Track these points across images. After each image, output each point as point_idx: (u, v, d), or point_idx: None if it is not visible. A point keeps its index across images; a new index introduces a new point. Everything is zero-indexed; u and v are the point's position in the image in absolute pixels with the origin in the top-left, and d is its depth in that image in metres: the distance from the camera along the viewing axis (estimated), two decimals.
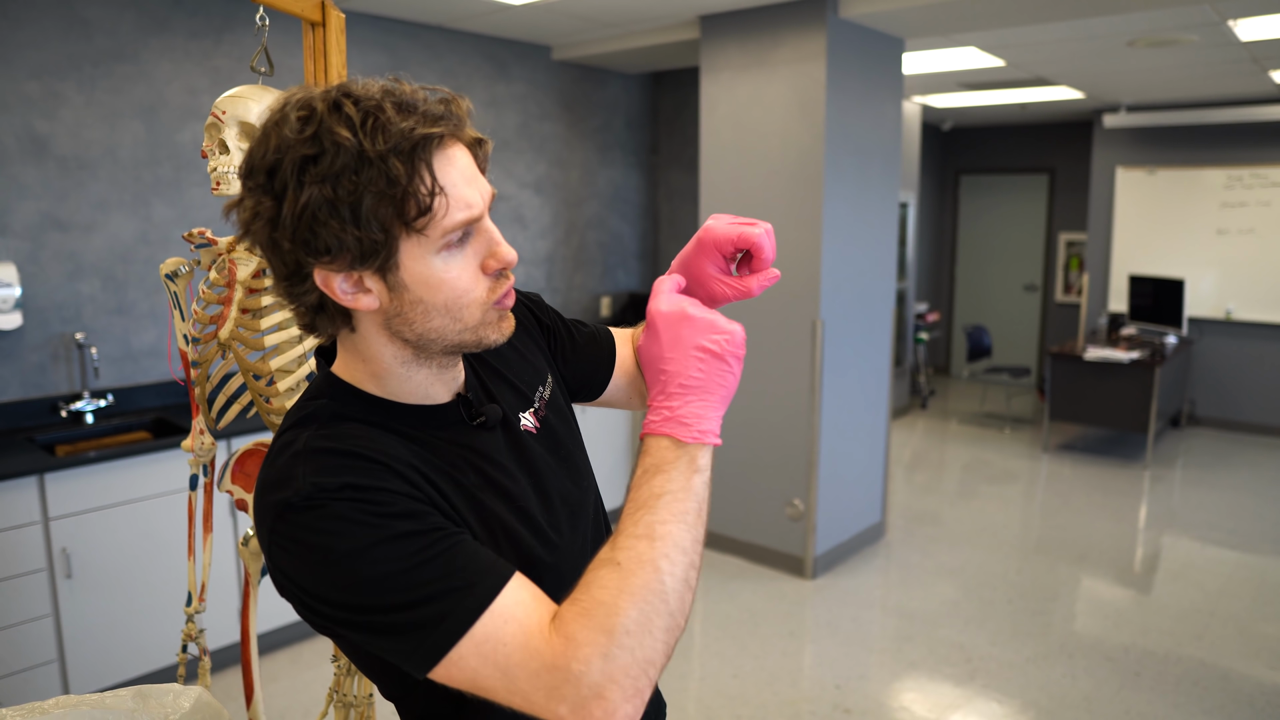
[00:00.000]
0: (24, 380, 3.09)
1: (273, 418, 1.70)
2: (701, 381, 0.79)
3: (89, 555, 2.76)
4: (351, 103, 0.74)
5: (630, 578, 0.72)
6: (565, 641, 0.70)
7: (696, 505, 0.77)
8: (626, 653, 0.70)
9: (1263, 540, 4.46)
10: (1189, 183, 6.59)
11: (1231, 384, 6.63)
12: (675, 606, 0.73)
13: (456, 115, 0.78)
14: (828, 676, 3.17)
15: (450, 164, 0.76)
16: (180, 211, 3.40)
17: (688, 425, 0.79)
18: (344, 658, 1.78)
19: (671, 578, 0.73)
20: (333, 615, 0.74)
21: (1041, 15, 3.61)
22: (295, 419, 0.83)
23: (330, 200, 0.72)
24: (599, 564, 0.74)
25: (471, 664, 0.71)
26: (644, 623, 0.71)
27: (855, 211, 3.92)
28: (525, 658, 0.71)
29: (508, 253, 0.80)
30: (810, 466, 3.90)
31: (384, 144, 0.72)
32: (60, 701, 1.02)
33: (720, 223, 0.90)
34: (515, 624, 0.72)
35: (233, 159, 1.58)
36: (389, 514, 0.73)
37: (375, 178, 0.72)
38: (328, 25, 1.78)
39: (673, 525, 0.75)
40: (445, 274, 0.78)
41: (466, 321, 0.81)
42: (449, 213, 0.76)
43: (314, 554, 0.72)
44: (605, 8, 3.83)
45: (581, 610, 0.71)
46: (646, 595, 0.71)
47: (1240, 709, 2.93)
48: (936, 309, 8.40)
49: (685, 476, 0.77)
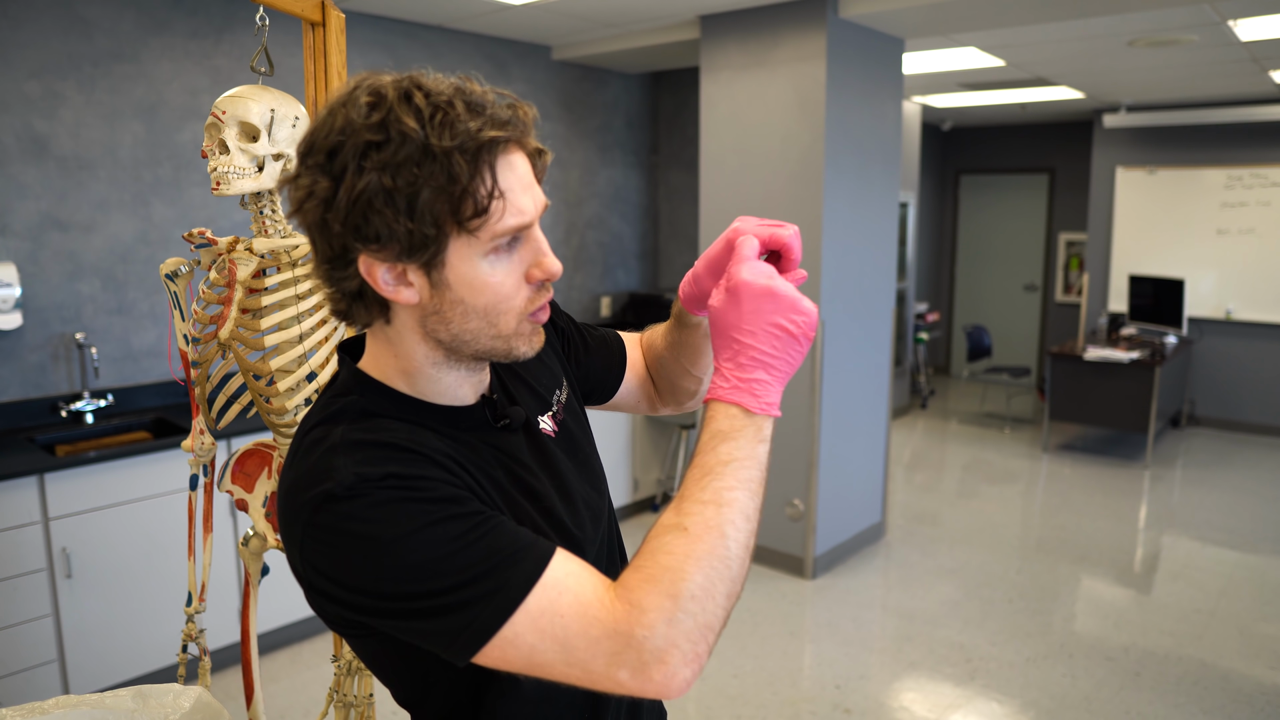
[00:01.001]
0: (24, 380, 3.09)
1: (273, 418, 1.70)
2: (774, 357, 0.80)
3: (89, 555, 2.76)
4: (422, 95, 0.74)
5: (697, 543, 0.73)
6: (629, 607, 0.71)
7: (760, 473, 0.78)
8: (690, 618, 0.70)
9: (1263, 540, 4.46)
10: (1189, 183, 6.59)
11: (1231, 384, 6.63)
12: (738, 572, 0.74)
13: (522, 121, 0.78)
14: (828, 676, 3.17)
15: (510, 169, 0.77)
16: (180, 211, 3.40)
17: (757, 396, 0.79)
18: (344, 657, 1.78)
19: (736, 544, 0.74)
20: (374, 607, 0.73)
21: (1041, 15, 3.61)
22: (323, 415, 0.83)
23: (388, 189, 0.72)
24: (663, 529, 0.75)
25: (529, 639, 0.71)
26: (709, 588, 0.71)
27: (855, 211, 3.92)
28: (584, 626, 0.71)
29: (553, 264, 0.81)
30: (810, 466, 3.90)
31: (450, 140, 0.72)
32: (60, 701, 1.02)
33: (749, 223, 0.90)
34: (570, 594, 0.72)
35: (233, 159, 1.58)
36: (432, 499, 0.74)
37: (437, 172, 0.72)
38: (328, 25, 1.78)
39: (739, 492, 0.76)
40: (490, 277, 0.78)
41: (501, 329, 0.81)
42: (504, 217, 0.76)
43: (359, 543, 0.72)
44: (605, 8, 3.83)
45: (647, 576, 0.72)
46: (712, 561, 0.72)
47: (1240, 709, 2.93)
48: (936, 309, 8.40)
49: (752, 444, 0.78)
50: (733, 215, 3.98)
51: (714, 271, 0.95)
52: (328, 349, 1.69)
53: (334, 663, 1.81)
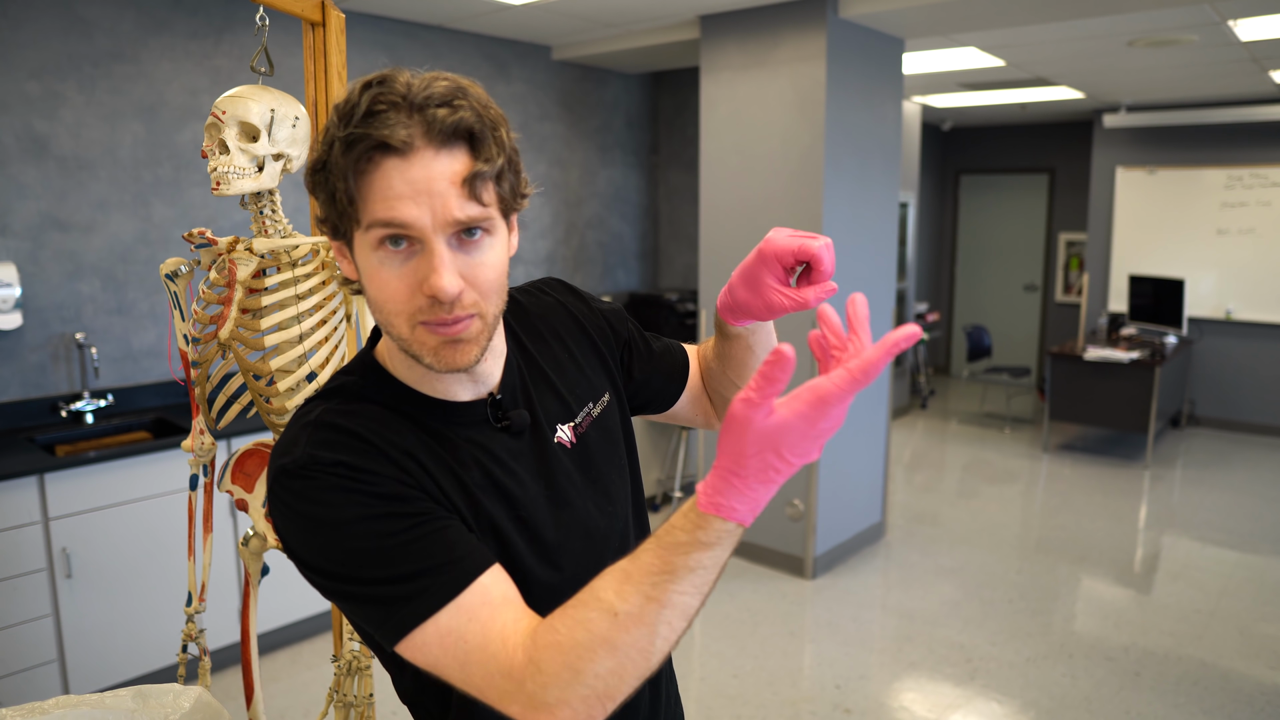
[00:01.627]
0: (24, 380, 3.09)
1: (273, 418, 1.70)
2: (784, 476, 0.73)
3: (89, 555, 2.76)
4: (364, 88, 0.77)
5: (621, 633, 0.70)
6: (528, 663, 0.71)
7: (716, 575, 0.73)
8: (588, 689, 0.70)
9: (1263, 540, 4.46)
10: (1189, 183, 6.59)
11: (1231, 384, 6.63)
12: (657, 662, 0.72)
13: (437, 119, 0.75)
14: (828, 676, 3.17)
15: (399, 170, 0.75)
16: (180, 211, 3.40)
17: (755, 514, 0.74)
18: (344, 657, 1.78)
19: (664, 640, 0.71)
20: (319, 581, 0.79)
21: (1041, 15, 3.61)
22: (324, 390, 0.88)
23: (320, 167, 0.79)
24: (595, 602, 0.72)
25: (434, 651, 0.74)
26: (617, 672, 0.70)
27: (855, 211, 3.92)
28: (483, 659, 0.73)
29: (437, 282, 0.76)
30: (810, 466, 3.90)
31: (340, 132, 0.76)
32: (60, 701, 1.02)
33: (781, 235, 0.89)
34: (478, 624, 0.74)
35: (233, 159, 1.58)
36: (376, 494, 0.76)
37: (334, 161, 0.77)
38: (328, 25, 1.78)
39: (690, 596, 0.72)
40: (376, 272, 0.79)
41: (396, 329, 0.80)
42: (366, 211, 0.77)
43: (302, 520, 0.77)
44: (605, 8, 3.83)
45: (556, 643, 0.71)
46: (630, 652, 0.70)
47: (1240, 709, 2.93)
48: (936, 309, 8.40)
49: (724, 553, 0.73)
50: (733, 215, 3.99)
51: (747, 282, 0.94)
52: (328, 349, 1.69)
53: (334, 663, 1.81)
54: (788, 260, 0.89)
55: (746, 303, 0.95)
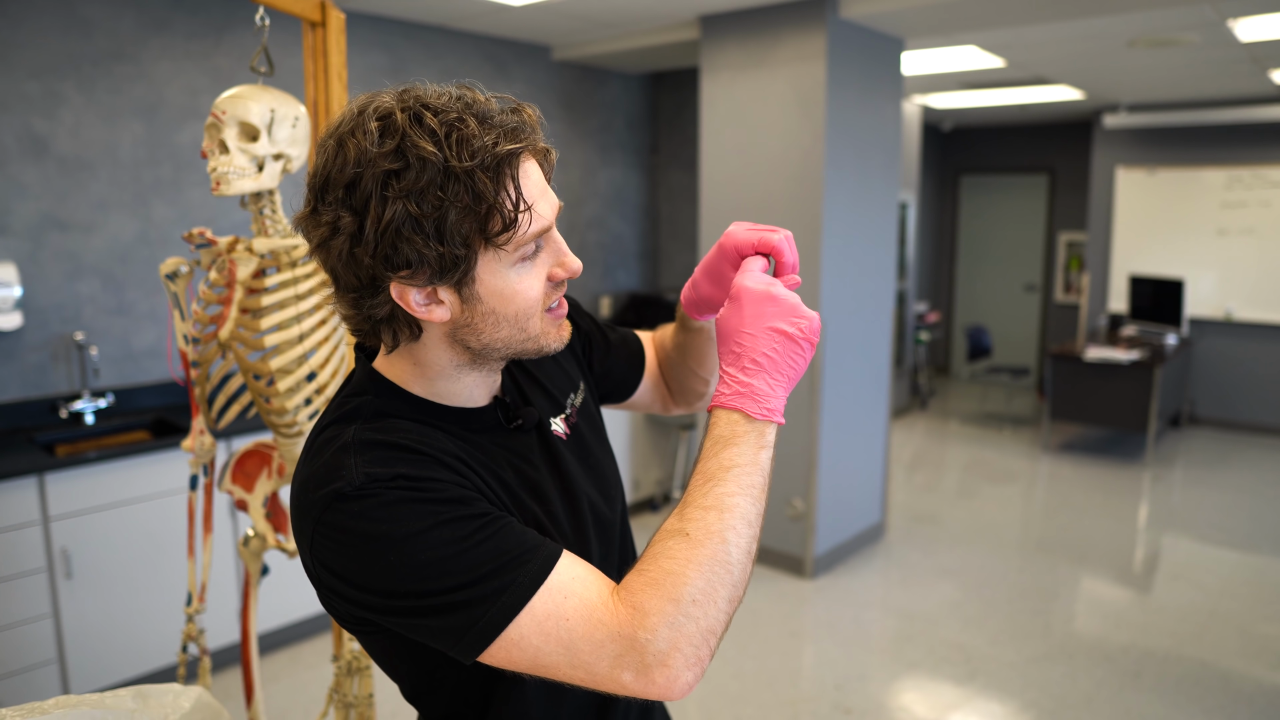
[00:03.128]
0: (24, 380, 3.09)
1: (273, 418, 1.70)
2: (775, 361, 0.80)
3: (89, 555, 2.76)
4: (432, 114, 0.73)
5: (698, 548, 0.73)
6: (632, 610, 0.72)
7: (762, 479, 0.78)
8: (692, 622, 0.71)
9: (1263, 540, 4.46)
10: (1189, 183, 6.59)
11: (1231, 384, 6.63)
12: (739, 577, 0.74)
13: (530, 127, 0.78)
14: (828, 676, 3.17)
15: (527, 178, 0.78)
16: (180, 211, 3.40)
17: (758, 401, 0.79)
18: (344, 658, 1.78)
19: (737, 549, 0.74)
20: (382, 605, 0.74)
21: (1041, 15, 3.61)
22: (337, 415, 0.84)
23: (415, 216, 0.72)
24: (666, 534, 0.75)
25: (534, 641, 0.72)
26: (710, 592, 0.72)
27: (855, 211, 3.92)
28: (589, 629, 0.72)
29: (574, 263, 0.83)
30: (810, 466, 3.90)
31: (470, 159, 0.72)
32: (60, 701, 1.02)
33: (740, 229, 0.91)
34: (575, 598, 0.73)
35: (233, 159, 1.58)
36: (441, 499, 0.75)
37: (461, 193, 0.72)
38: (328, 25, 1.78)
39: (740, 498, 0.76)
40: (519, 285, 0.80)
41: (530, 331, 0.83)
42: (529, 227, 0.77)
43: (367, 542, 0.73)
44: (605, 8, 3.83)
45: (649, 580, 0.73)
46: (713, 566, 0.73)
47: (1240, 709, 2.93)
48: (936, 309, 8.40)
49: (754, 450, 0.78)
50: (733, 215, 3.98)
51: (710, 275, 0.96)
52: (328, 349, 1.69)
53: (334, 663, 1.81)
54: (748, 252, 0.90)
55: (710, 296, 0.98)
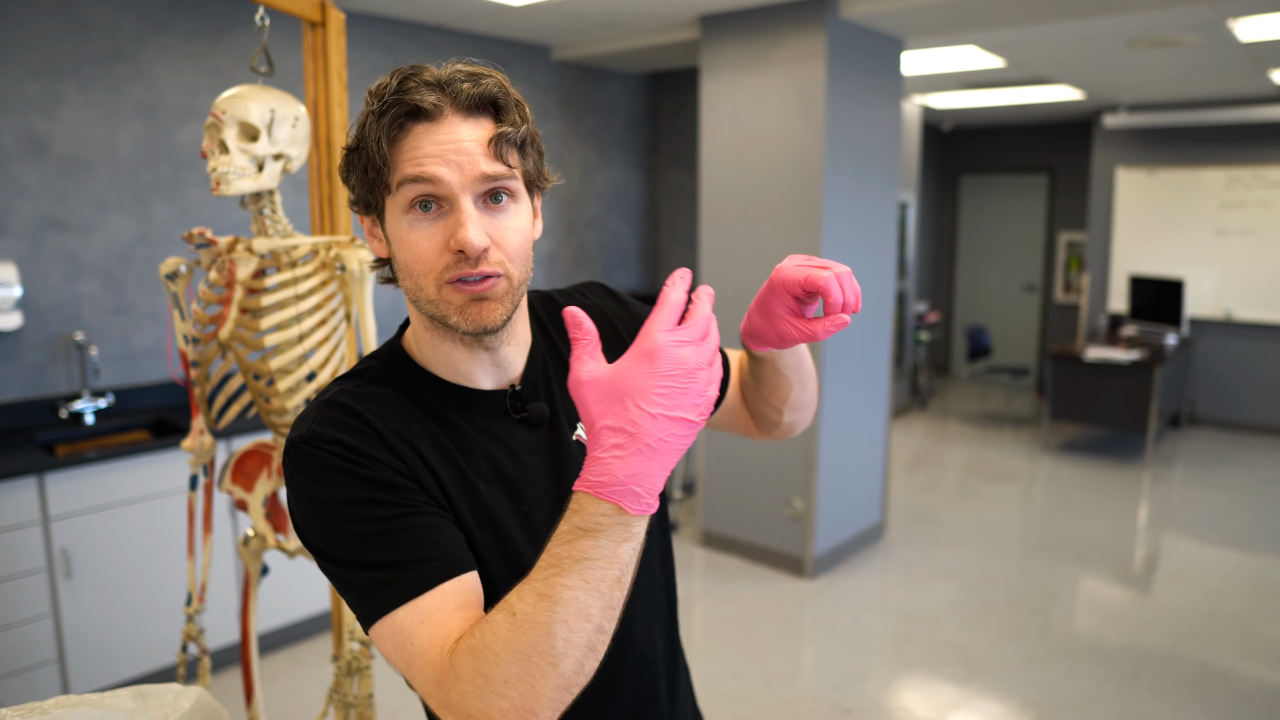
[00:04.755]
0: (24, 380, 3.09)
1: (273, 418, 1.70)
2: (671, 448, 0.68)
3: (89, 555, 2.76)
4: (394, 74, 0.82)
5: (520, 635, 0.68)
6: (450, 668, 0.71)
7: (618, 572, 0.69)
8: (505, 700, 0.68)
9: (1263, 540, 4.46)
10: (1189, 183, 6.59)
11: (1231, 384, 6.63)
12: (568, 670, 0.68)
13: (462, 90, 0.81)
14: (827, 676, 3.17)
15: (429, 134, 0.81)
16: (180, 211, 3.40)
17: (639, 495, 0.67)
18: (344, 657, 1.78)
19: (567, 643, 0.67)
20: (314, 556, 0.82)
21: (1041, 15, 3.61)
22: (349, 371, 0.91)
23: (352, 150, 0.84)
24: (501, 605, 0.71)
25: (388, 645, 0.76)
26: (526, 679, 0.68)
27: (855, 211, 3.92)
28: (423, 664, 0.74)
29: (464, 236, 0.79)
30: (810, 466, 3.90)
31: (375, 105, 0.81)
32: (60, 701, 1.02)
33: (791, 264, 0.87)
34: (427, 628, 0.74)
35: (233, 159, 1.58)
36: (367, 478, 0.79)
37: (368, 133, 0.82)
38: (328, 25, 1.78)
39: (582, 592, 0.67)
40: (407, 235, 0.82)
41: (426, 292, 0.83)
42: (397, 172, 0.81)
43: (302, 494, 0.81)
44: (605, 8, 3.83)
45: (470, 646, 0.70)
46: (533, 655, 0.67)
47: (1240, 709, 2.93)
48: (936, 309, 8.40)
49: (614, 545, 0.68)
50: (732, 215, 3.99)
51: (761, 310, 0.93)
52: (327, 349, 1.69)
53: (334, 663, 1.81)
54: (795, 290, 0.86)
55: (761, 331, 0.94)
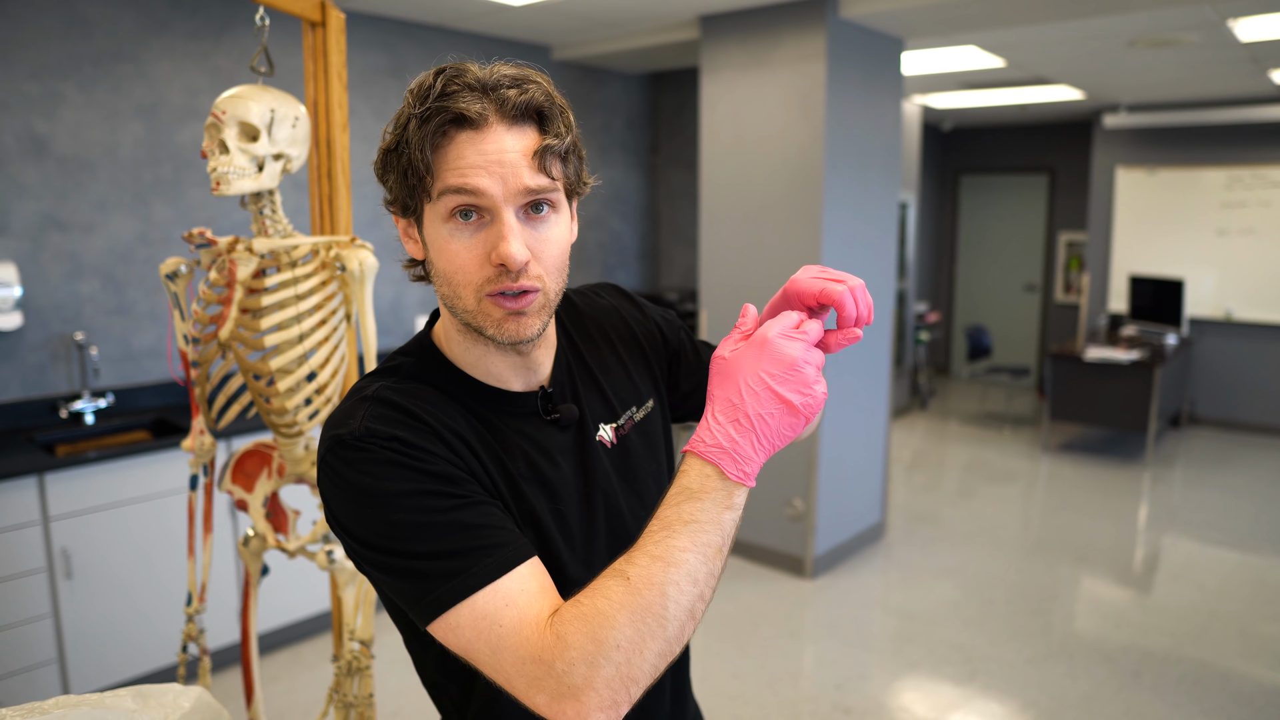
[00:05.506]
0: (24, 380, 3.09)
1: (273, 418, 1.70)
2: (769, 426, 0.76)
3: (89, 555, 2.76)
4: (436, 74, 0.81)
5: (635, 596, 0.71)
6: (556, 639, 0.72)
7: (720, 540, 0.75)
8: (612, 666, 0.70)
9: (1263, 540, 4.46)
10: (1189, 183, 6.59)
11: (1231, 384, 6.63)
12: (674, 634, 0.72)
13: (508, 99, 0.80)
14: (828, 676, 3.17)
15: (473, 143, 0.80)
16: (180, 211, 3.40)
17: (739, 462, 0.75)
18: (344, 657, 1.78)
19: (677, 605, 0.72)
20: (358, 551, 0.80)
21: (1041, 15, 3.61)
22: (380, 369, 0.91)
23: (391, 150, 0.83)
24: (610, 573, 0.74)
25: (467, 633, 0.75)
26: (637, 642, 0.70)
27: (855, 211, 3.92)
28: (516, 644, 0.73)
29: (506, 250, 0.79)
30: (810, 466, 3.90)
31: (416, 109, 0.80)
32: (60, 701, 1.02)
33: (806, 274, 0.87)
34: (515, 609, 0.74)
35: (233, 159, 1.58)
36: (427, 471, 0.78)
37: (409, 138, 0.80)
38: (328, 25, 1.78)
39: (692, 554, 0.73)
40: (446, 244, 0.82)
41: (464, 301, 0.83)
42: (439, 181, 0.80)
43: (353, 490, 0.79)
44: (605, 8, 3.83)
45: (579, 614, 0.72)
46: (646, 617, 0.71)
47: (1240, 709, 2.93)
48: (936, 309, 8.40)
49: (718, 510, 0.75)
50: (733, 215, 3.99)
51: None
52: (328, 349, 1.69)
53: (334, 663, 1.81)
54: (810, 301, 0.86)
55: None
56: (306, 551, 1.82)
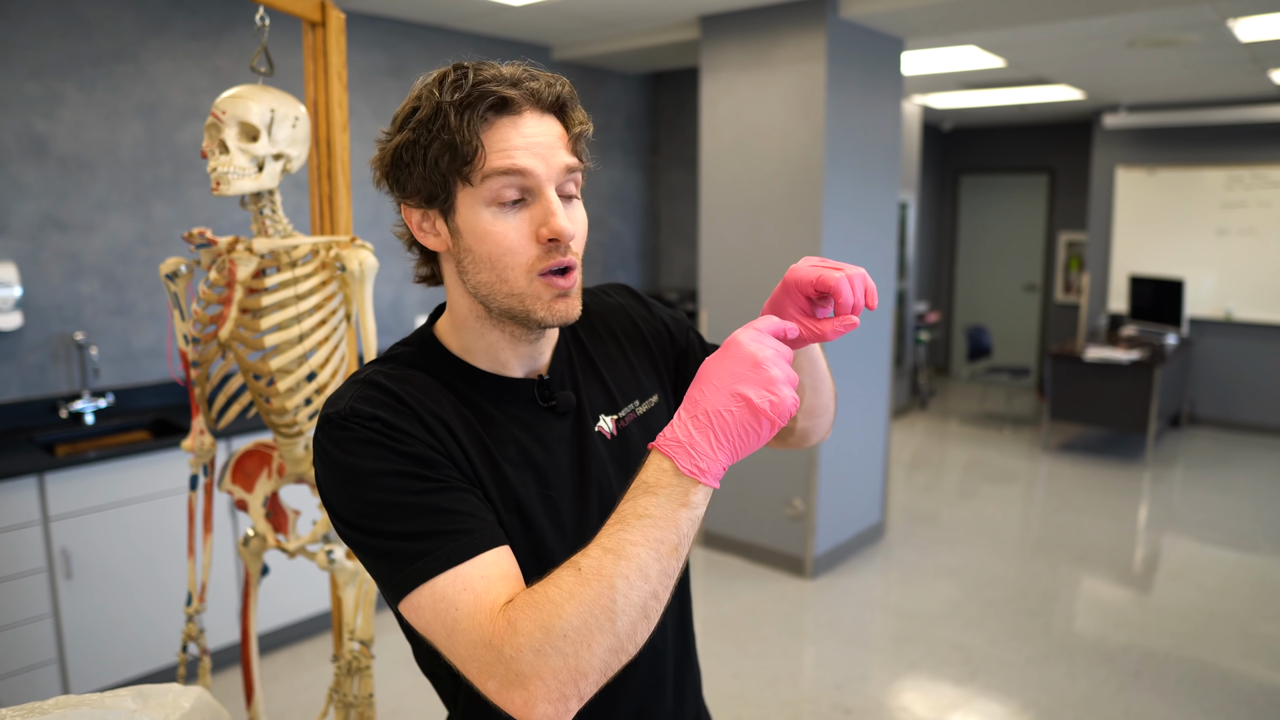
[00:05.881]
0: (24, 380, 3.09)
1: (273, 418, 1.70)
2: (727, 424, 0.75)
3: (89, 555, 2.76)
4: (457, 70, 0.83)
5: (584, 587, 0.71)
6: (507, 624, 0.72)
7: (675, 538, 0.73)
8: (559, 656, 0.70)
9: (1263, 540, 4.46)
10: (1189, 183, 6.59)
11: (1231, 384, 6.63)
12: (623, 629, 0.71)
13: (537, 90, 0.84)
14: (828, 676, 3.17)
15: (513, 127, 0.83)
16: (180, 211, 3.41)
17: (693, 456, 0.75)
18: (344, 657, 1.78)
19: (626, 600, 0.71)
20: (337, 527, 0.83)
21: (1041, 15, 3.61)
22: (380, 356, 0.94)
23: (412, 143, 0.83)
24: (566, 564, 0.74)
25: (426, 615, 0.76)
26: (584, 633, 0.70)
27: (855, 211, 3.92)
28: (469, 627, 0.74)
29: (559, 224, 0.83)
30: (810, 466, 3.90)
31: (451, 97, 0.81)
32: (60, 701, 1.02)
33: (805, 265, 0.89)
34: (471, 594, 0.75)
35: (233, 159, 1.58)
36: (404, 453, 0.80)
37: (442, 127, 0.81)
38: (328, 25, 1.78)
39: (643, 549, 0.72)
40: (492, 227, 0.83)
41: (511, 284, 0.85)
42: (487, 162, 0.81)
43: (336, 468, 0.82)
44: (605, 8, 3.83)
45: (531, 601, 0.73)
46: (594, 610, 0.70)
47: (1240, 709, 2.93)
48: (936, 309, 8.40)
49: (672, 506, 0.74)
50: (733, 215, 3.99)
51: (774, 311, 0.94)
52: (328, 349, 1.69)
53: (334, 663, 1.81)
54: (808, 290, 0.88)
55: None
56: (306, 551, 1.82)
